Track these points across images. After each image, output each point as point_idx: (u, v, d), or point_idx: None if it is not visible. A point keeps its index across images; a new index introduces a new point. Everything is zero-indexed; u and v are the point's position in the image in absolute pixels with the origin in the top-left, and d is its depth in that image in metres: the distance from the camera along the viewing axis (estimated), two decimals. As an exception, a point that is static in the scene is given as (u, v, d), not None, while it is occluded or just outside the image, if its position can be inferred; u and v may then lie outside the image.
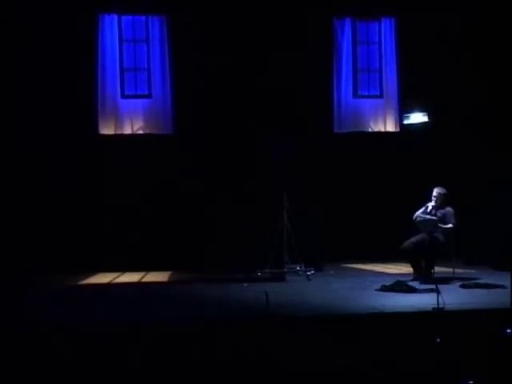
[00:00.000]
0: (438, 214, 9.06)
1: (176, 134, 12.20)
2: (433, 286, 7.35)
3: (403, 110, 12.06)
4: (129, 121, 12.30)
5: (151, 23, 12.39)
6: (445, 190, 9.21)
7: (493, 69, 11.23)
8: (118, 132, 12.25)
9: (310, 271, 9.63)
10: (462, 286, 8.34)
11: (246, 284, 9.19)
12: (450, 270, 9.07)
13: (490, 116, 11.27)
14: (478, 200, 10.85)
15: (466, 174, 11.32)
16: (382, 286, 8.25)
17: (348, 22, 12.80)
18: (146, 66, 12.45)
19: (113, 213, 11.81)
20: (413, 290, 8.01)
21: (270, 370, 5.00)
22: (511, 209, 9.89)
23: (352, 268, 11.38)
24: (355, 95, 12.90)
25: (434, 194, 9.20)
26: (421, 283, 8.64)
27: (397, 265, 11.07)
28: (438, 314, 6.16)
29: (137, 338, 5.70)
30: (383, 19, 12.89)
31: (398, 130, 12.33)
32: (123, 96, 12.34)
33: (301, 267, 9.65)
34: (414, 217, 9.12)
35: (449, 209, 9.14)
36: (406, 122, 11.10)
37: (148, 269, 11.27)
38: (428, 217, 9.07)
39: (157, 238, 11.68)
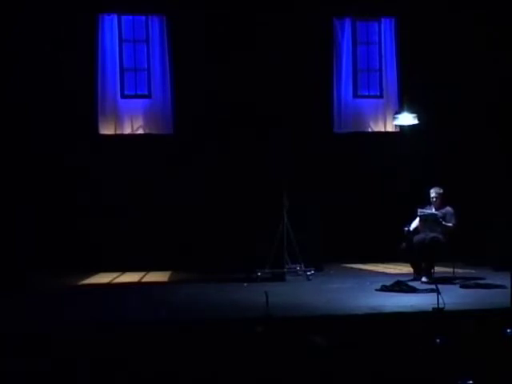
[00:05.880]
0: (438, 213, 9.06)
1: (176, 133, 12.21)
2: (433, 286, 7.35)
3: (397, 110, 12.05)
4: (129, 121, 12.31)
5: (151, 23, 12.41)
6: (442, 190, 9.20)
7: (493, 68, 11.22)
8: (118, 132, 12.27)
9: (309, 271, 9.63)
10: (462, 286, 8.33)
11: (245, 284, 9.19)
12: (450, 270, 9.07)
13: (490, 115, 11.26)
14: (478, 200, 10.85)
15: (467, 174, 11.33)
16: (382, 286, 8.25)
17: (348, 22, 12.81)
18: (146, 65, 12.47)
19: (113, 213, 11.82)
20: (413, 290, 8.01)
21: (269, 370, 4.99)
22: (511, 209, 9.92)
23: (352, 268, 11.38)
24: (355, 95, 12.91)
25: (433, 194, 9.18)
26: (423, 282, 8.66)
27: (397, 265, 11.08)
28: (438, 314, 6.15)
29: (137, 338, 5.69)
30: (383, 19, 12.91)
31: (397, 130, 12.33)
32: (123, 96, 12.36)
33: (301, 267, 9.65)
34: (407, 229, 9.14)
35: (449, 208, 9.13)
36: (395, 122, 11.03)
37: (148, 269, 11.28)
38: (428, 211, 9.07)
39: (157, 237, 11.69)
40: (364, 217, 12.10)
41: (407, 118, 10.32)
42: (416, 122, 10.28)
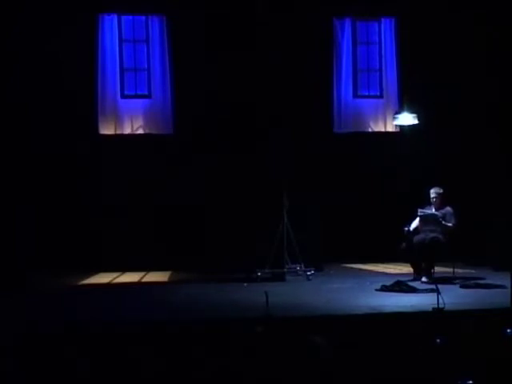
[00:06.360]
0: (439, 214, 9.06)
1: (176, 133, 12.21)
2: (433, 286, 7.35)
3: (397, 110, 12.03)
4: (129, 121, 12.31)
5: (151, 23, 12.41)
6: (441, 190, 9.20)
7: (493, 68, 11.22)
8: (118, 132, 12.28)
9: (309, 271, 9.63)
10: (462, 286, 8.33)
11: (245, 284, 9.19)
12: (450, 270, 9.07)
13: (490, 115, 11.26)
14: (478, 200, 10.85)
15: (467, 174, 11.33)
16: (382, 286, 8.26)
17: (348, 22, 12.81)
18: (146, 65, 12.47)
19: (113, 213, 11.82)
20: (413, 290, 8.01)
21: (269, 370, 5.00)
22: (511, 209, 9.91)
23: (352, 268, 11.39)
24: (355, 95, 12.91)
25: (433, 195, 9.18)
26: (423, 282, 8.67)
27: (397, 265, 11.08)
28: (438, 314, 6.15)
29: (137, 338, 5.70)
30: (383, 19, 12.90)
31: (397, 130, 12.32)
32: (123, 96, 12.36)
33: (301, 267, 9.65)
34: (407, 229, 9.14)
35: (448, 208, 9.14)
36: (395, 122, 11.01)
37: (148, 269, 11.28)
38: (429, 212, 9.08)
39: (157, 237, 11.69)
40: (364, 217, 12.10)
41: (407, 118, 10.32)
42: (416, 121, 10.28)
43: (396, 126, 11.94)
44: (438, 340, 5.38)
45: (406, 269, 9.90)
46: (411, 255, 9.09)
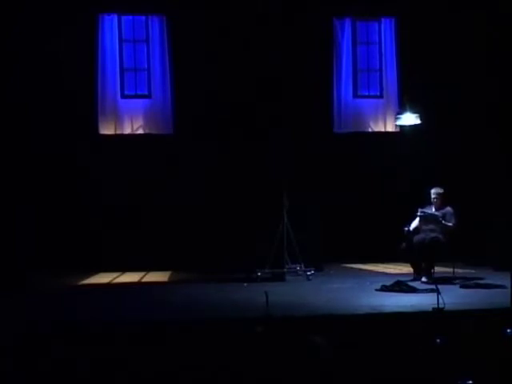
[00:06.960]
0: (439, 214, 9.06)
1: (176, 133, 12.21)
2: (433, 286, 7.36)
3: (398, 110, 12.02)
4: (129, 121, 12.32)
5: (151, 23, 12.41)
6: (442, 190, 9.20)
7: (493, 68, 11.22)
8: (118, 132, 12.28)
9: (309, 271, 9.63)
10: (462, 286, 8.34)
11: (245, 284, 9.19)
12: (450, 270, 9.07)
13: (490, 115, 11.26)
14: (478, 200, 10.85)
15: (467, 174, 11.33)
16: (382, 286, 8.25)
17: (348, 22, 12.81)
18: (146, 65, 12.48)
19: (113, 213, 11.82)
20: (413, 290, 8.01)
21: (269, 370, 4.99)
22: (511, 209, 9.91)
23: (352, 268, 11.39)
24: (355, 95, 12.91)
25: (433, 195, 9.19)
26: (423, 282, 8.67)
27: (397, 265, 11.08)
28: (438, 314, 6.15)
29: (137, 338, 5.69)
30: (383, 19, 12.91)
31: (398, 130, 12.32)
32: (123, 96, 12.37)
33: (301, 267, 9.65)
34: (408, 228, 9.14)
35: (449, 208, 9.14)
36: (397, 123, 11.00)
37: (148, 269, 11.28)
38: (429, 212, 9.08)
39: (157, 237, 11.69)
40: (364, 217, 12.10)
41: (410, 118, 10.32)
42: (418, 121, 10.28)
43: (396, 125, 11.93)
44: (438, 340, 5.38)
45: (406, 269, 9.90)
46: (411, 255, 9.09)
